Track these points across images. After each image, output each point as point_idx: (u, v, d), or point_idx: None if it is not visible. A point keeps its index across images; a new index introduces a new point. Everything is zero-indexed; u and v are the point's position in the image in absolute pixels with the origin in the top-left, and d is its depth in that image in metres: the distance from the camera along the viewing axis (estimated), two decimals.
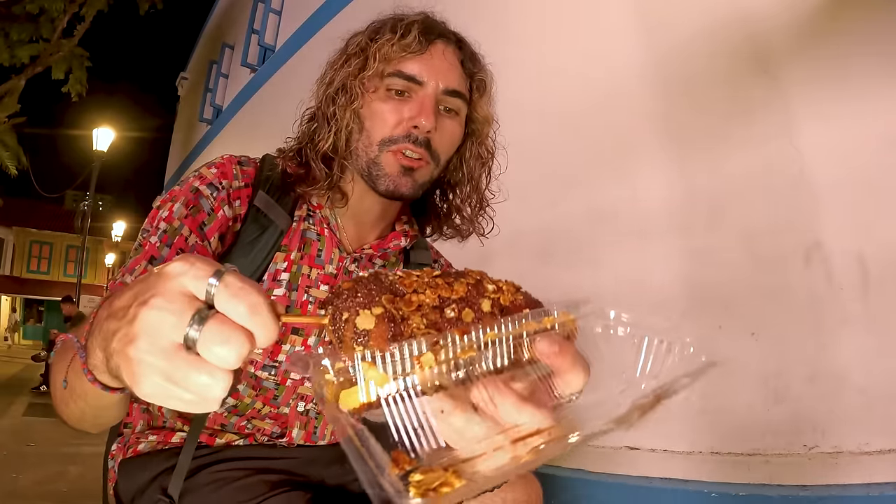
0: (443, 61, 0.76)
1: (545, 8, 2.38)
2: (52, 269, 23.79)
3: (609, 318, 0.43)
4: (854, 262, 1.40)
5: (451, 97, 0.77)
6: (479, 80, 0.82)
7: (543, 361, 0.37)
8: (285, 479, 0.75)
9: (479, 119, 0.83)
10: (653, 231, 1.81)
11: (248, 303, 0.32)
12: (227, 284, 0.33)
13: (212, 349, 0.31)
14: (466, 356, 0.35)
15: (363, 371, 0.33)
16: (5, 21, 8.51)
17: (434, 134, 0.75)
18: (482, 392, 0.35)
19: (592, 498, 1.69)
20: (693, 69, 1.77)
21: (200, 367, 0.31)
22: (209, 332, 0.31)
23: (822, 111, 1.48)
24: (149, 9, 9.95)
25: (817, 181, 1.47)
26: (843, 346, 1.40)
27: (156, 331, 0.32)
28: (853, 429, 1.35)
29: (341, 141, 0.76)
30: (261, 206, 0.76)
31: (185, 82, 11.24)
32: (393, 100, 0.75)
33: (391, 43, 0.74)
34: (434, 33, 0.77)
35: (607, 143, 2.00)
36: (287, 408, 0.79)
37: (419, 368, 0.34)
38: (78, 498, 2.65)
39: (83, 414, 0.51)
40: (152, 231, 0.70)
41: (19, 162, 9.67)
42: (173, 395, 0.32)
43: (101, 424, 0.57)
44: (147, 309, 0.32)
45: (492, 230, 0.90)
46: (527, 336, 0.38)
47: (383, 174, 0.75)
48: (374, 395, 0.33)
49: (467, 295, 0.40)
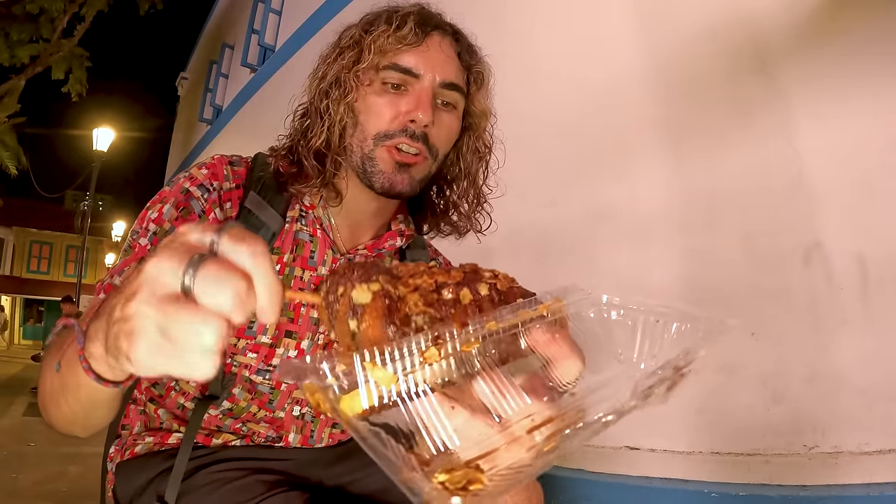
0: (439, 53, 0.74)
1: (544, 7, 2.38)
2: (52, 269, 23.77)
3: (602, 303, 0.43)
4: (854, 263, 1.40)
5: (448, 90, 0.75)
6: (476, 73, 0.79)
7: (539, 351, 0.37)
8: (283, 479, 0.74)
9: (476, 113, 0.81)
10: (652, 231, 1.81)
11: (250, 247, 0.32)
12: (230, 233, 0.33)
13: (206, 291, 0.31)
14: (470, 349, 0.35)
15: (369, 371, 0.32)
16: (5, 21, 8.51)
17: (431, 128, 0.73)
18: (487, 385, 0.35)
19: (592, 498, 1.69)
20: (693, 69, 1.76)
21: (194, 313, 0.30)
22: (204, 274, 0.31)
23: (822, 111, 1.48)
24: (149, 9, 9.94)
25: (817, 181, 1.47)
26: (842, 346, 1.40)
27: (154, 279, 0.32)
28: (853, 429, 1.35)
29: (335, 136, 0.74)
30: (252, 208, 0.74)
31: (185, 82, 11.23)
32: (389, 93, 0.73)
33: (386, 35, 0.72)
34: (430, 25, 0.75)
35: (606, 142, 2.00)
36: (283, 412, 0.78)
37: (424, 365, 0.33)
38: (78, 498, 2.64)
39: (74, 414, 0.50)
40: (142, 233, 0.69)
41: (19, 162, 9.67)
42: (168, 355, 0.31)
43: (91, 426, 0.56)
44: (149, 261, 0.32)
45: (489, 226, 0.87)
46: (522, 326, 0.37)
47: (378, 170, 0.73)
48: (377, 397, 0.32)
49: (464, 279, 0.39)
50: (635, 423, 1.70)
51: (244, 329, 0.74)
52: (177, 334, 0.30)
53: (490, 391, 0.34)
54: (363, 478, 0.81)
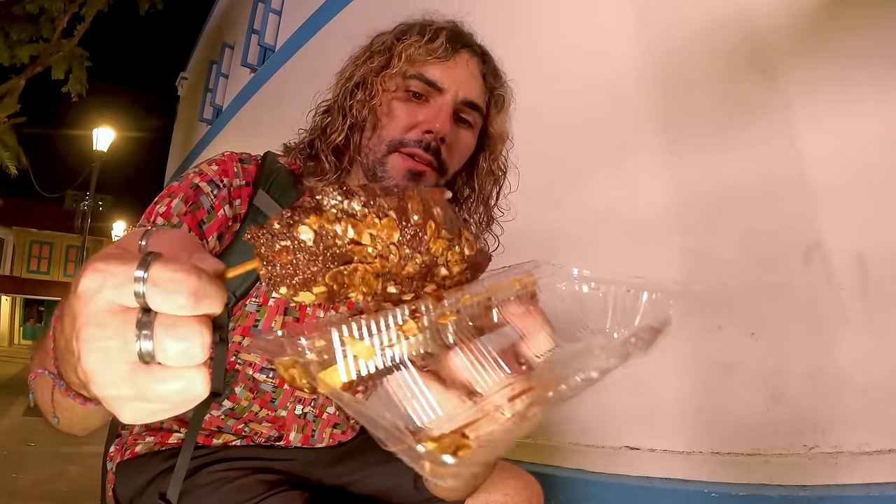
0: (465, 71, 0.76)
1: (543, 8, 2.38)
2: (52, 269, 23.77)
3: (573, 276, 0.43)
4: (854, 262, 1.40)
5: (468, 108, 0.77)
6: (498, 96, 0.81)
7: (514, 323, 0.38)
8: (283, 479, 0.74)
9: (494, 135, 0.83)
10: (652, 231, 1.81)
11: (187, 292, 0.28)
12: (154, 282, 0.28)
13: (172, 356, 0.28)
14: (447, 321, 0.35)
15: (349, 345, 0.32)
16: (5, 21, 8.51)
17: (445, 143, 0.74)
18: (466, 357, 0.35)
19: (592, 498, 1.69)
20: (692, 69, 1.76)
21: (169, 377, 0.28)
22: (160, 341, 0.28)
23: (822, 111, 1.48)
24: (149, 9, 9.94)
25: (817, 181, 1.47)
26: (843, 345, 1.39)
27: (104, 365, 0.28)
28: (853, 429, 1.35)
29: (354, 135, 0.76)
30: (261, 206, 0.74)
31: (185, 82, 11.23)
32: (411, 101, 0.75)
33: (418, 45, 0.74)
34: (461, 42, 0.77)
35: (606, 142, 2.00)
36: (284, 411, 0.78)
37: (403, 337, 0.33)
38: (78, 498, 2.64)
39: (71, 423, 0.51)
40: (148, 226, 0.68)
41: (19, 162, 9.66)
42: (157, 410, 0.29)
43: (88, 427, 0.56)
44: (84, 344, 0.28)
45: (496, 249, 0.87)
46: (494, 299, 0.38)
47: (388, 176, 0.74)
48: (356, 371, 0.32)
49: (417, 286, 0.38)
50: (635, 423, 1.70)
51: (249, 328, 0.74)
52: (161, 398, 0.29)
53: (469, 363, 0.35)
54: (363, 478, 0.82)
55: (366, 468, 0.82)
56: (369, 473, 0.82)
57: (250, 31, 6.59)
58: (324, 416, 0.81)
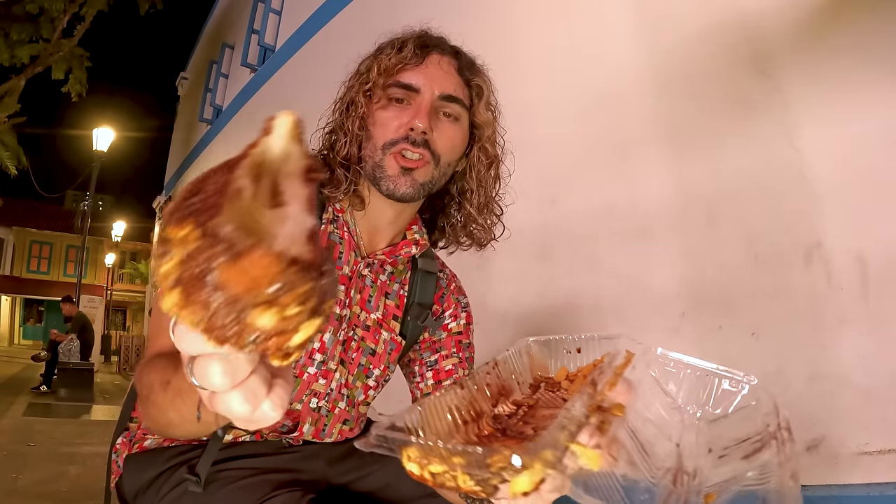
0: (438, 70, 0.82)
1: (543, 8, 2.38)
2: (52, 269, 23.77)
3: (656, 356, 0.52)
4: (854, 262, 1.40)
5: (448, 102, 0.82)
6: (475, 86, 0.86)
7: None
8: (289, 479, 0.76)
9: (479, 124, 0.87)
10: (653, 231, 1.81)
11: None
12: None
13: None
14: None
15: (580, 454, 0.38)
16: (5, 21, 8.51)
17: (431, 135, 0.80)
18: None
19: None
20: (693, 69, 1.76)
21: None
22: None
23: (822, 111, 1.48)
24: (149, 9, 9.93)
25: (817, 181, 1.47)
26: (843, 346, 1.40)
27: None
28: (853, 429, 1.35)
29: (354, 148, 0.83)
30: None
31: (185, 82, 11.24)
32: (394, 107, 0.81)
33: (390, 57, 0.82)
34: (430, 46, 0.84)
35: (606, 142, 2.00)
36: (300, 404, 0.80)
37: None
38: (78, 498, 2.65)
39: (170, 421, 0.54)
40: None
41: (19, 162, 9.65)
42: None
43: (185, 433, 0.59)
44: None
45: (503, 233, 0.94)
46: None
47: (385, 175, 0.80)
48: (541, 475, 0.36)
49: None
50: None
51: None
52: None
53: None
54: (366, 475, 0.84)
55: (368, 466, 0.84)
56: (371, 471, 0.84)
57: (250, 31, 6.60)
58: (336, 410, 0.83)
